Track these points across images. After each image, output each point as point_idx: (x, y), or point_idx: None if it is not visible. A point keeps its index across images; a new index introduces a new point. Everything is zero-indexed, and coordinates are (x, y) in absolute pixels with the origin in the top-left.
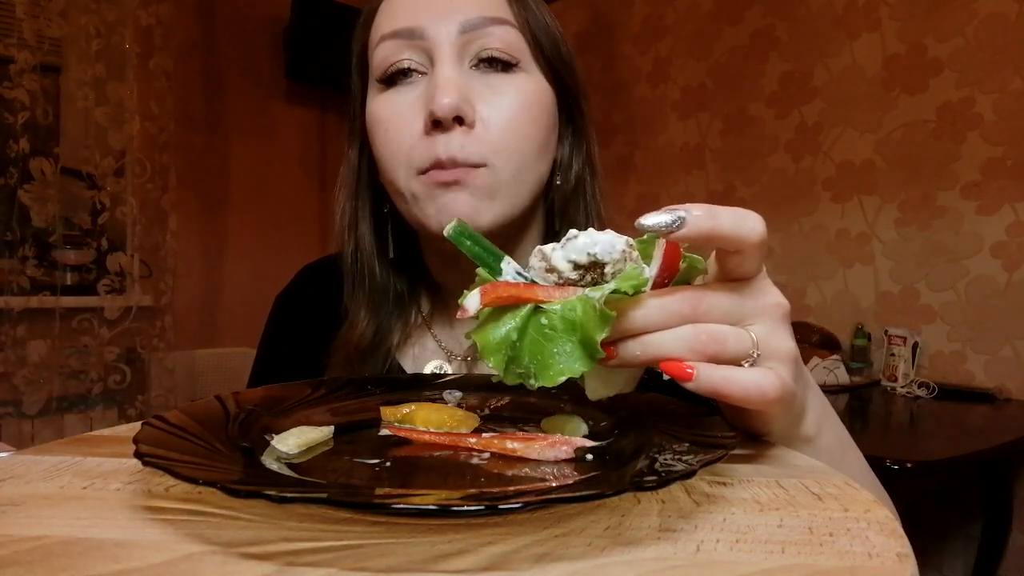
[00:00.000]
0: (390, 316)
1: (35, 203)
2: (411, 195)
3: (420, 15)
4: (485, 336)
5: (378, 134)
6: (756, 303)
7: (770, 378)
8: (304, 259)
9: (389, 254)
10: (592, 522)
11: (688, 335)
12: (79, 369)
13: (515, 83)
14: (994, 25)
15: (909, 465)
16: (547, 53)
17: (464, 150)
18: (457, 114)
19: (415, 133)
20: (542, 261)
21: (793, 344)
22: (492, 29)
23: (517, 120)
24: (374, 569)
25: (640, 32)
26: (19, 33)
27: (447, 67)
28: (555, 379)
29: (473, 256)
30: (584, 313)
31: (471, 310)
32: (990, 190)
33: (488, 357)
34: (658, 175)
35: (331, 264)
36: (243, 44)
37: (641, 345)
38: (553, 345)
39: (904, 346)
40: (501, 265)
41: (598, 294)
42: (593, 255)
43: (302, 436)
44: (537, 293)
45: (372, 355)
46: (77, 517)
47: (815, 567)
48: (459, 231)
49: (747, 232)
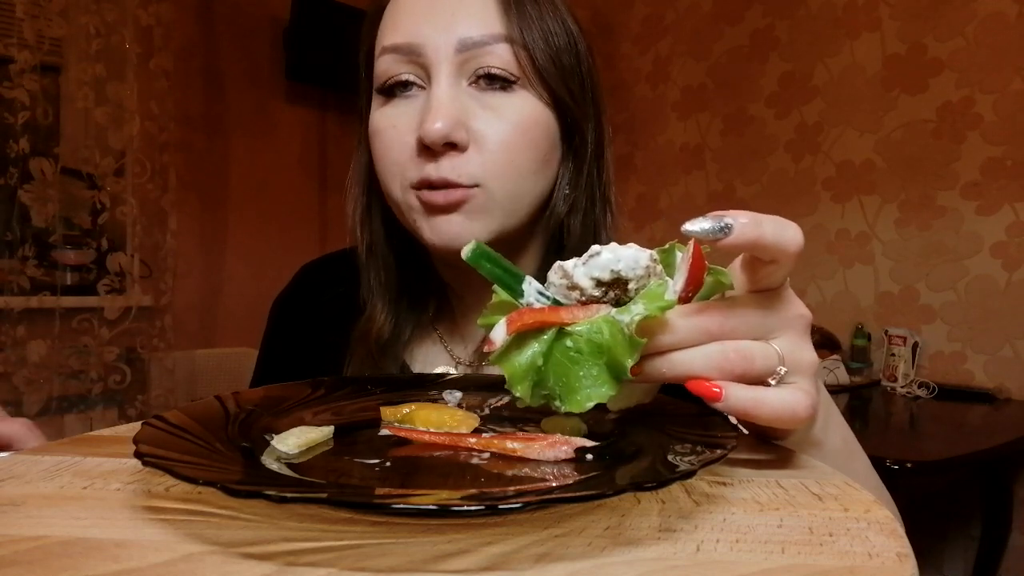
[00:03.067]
0: (404, 311)
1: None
2: (407, 207)
3: (420, 30)
4: (511, 365)
5: (375, 146)
6: (781, 316)
7: (799, 397)
8: (304, 259)
9: (397, 249)
10: (592, 522)
11: (716, 353)
12: (79, 369)
13: (512, 102)
14: (994, 25)
15: (909, 465)
16: (545, 71)
17: (456, 171)
18: (448, 140)
19: (409, 148)
20: (563, 279)
21: (815, 356)
22: (492, 47)
23: (513, 141)
24: (374, 569)
25: (640, 32)
26: (19, 33)
27: (442, 88)
28: (583, 404)
29: (493, 278)
30: (612, 336)
31: (498, 342)
32: (990, 190)
33: (515, 386)
34: (658, 175)
35: (331, 264)
36: (243, 44)
37: (668, 363)
38: (579, 368)
39: (904, 346)
40: (522, 286)
41: (627, 318)
42: (617, 272)
43: (302, 436)
44: (562, 316)
45: (391, 349)
46: (77, 517)
47: (815, 567)
48: (478, 254)
49: (787, 241)
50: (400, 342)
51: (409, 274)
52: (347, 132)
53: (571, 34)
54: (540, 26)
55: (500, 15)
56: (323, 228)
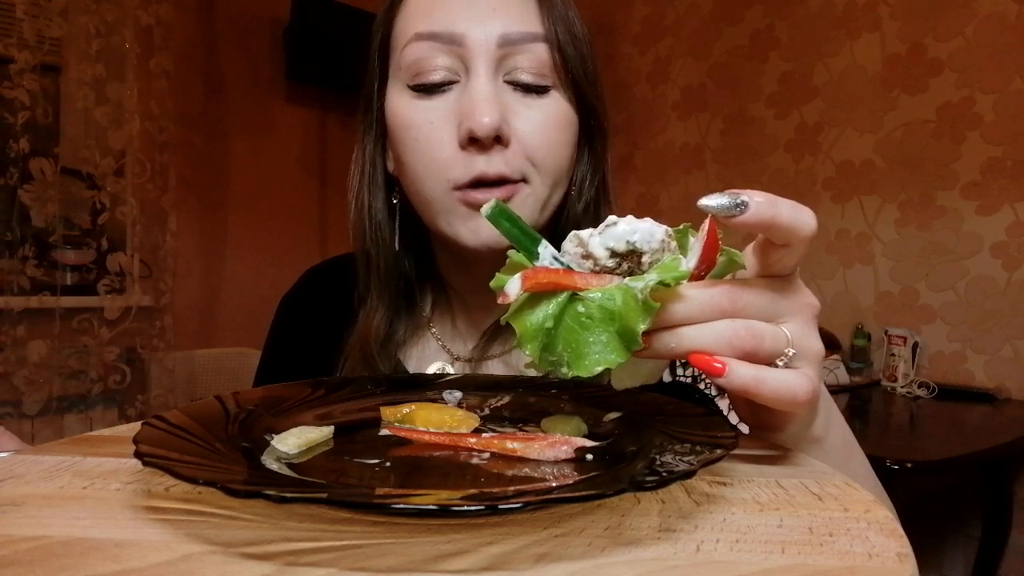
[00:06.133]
0: (401, 308)
1: (35, 203)
2: (443, 208)
3: (459, 20)
4: (523, 323)
5: (406, 140)
6: (791, 301)
7: (801, 381)
8: (304, 259)
9: (399, 243)
10: (592, 522)
11: (726, 330)
12: (79, 369)
13: (547, 103)
14: (994, 25)
15: (909, 465)
16: (575, 73)
17: (510, 166)
18: (497, 134)
19: (450, 145)
20: (578, 247)
21: (821, 345)
22: (529, 46)
23: (552, 139)
24: (374, 569)
25: (640, 32)
26: (19, 33)
27: (484, 81)
28: (591, 369)
29: (511, 238)
30: (624, 303)
31: (511, 295)
32: (990, 190)
33: (525, 344)
34: (658, 175)
35: (335, 267)
36: (243, 44)
37: (676, 338)
38: (589, 334)
39: (904, 346)
40: (538, 249)
41: (640, 284)
42: (632, 243)
43: (302, 436)
44: (576, 280)
45: (386, 347)
46: (77, 517)
47: (815, 567)
48: (498, 211)
49: (801, 224)
50: (395, 340)
51: (409, 270)
52: (347, 132)
53: (586, 32)
54: (569, 25)
55: (538, 14)
56: (323, 228)
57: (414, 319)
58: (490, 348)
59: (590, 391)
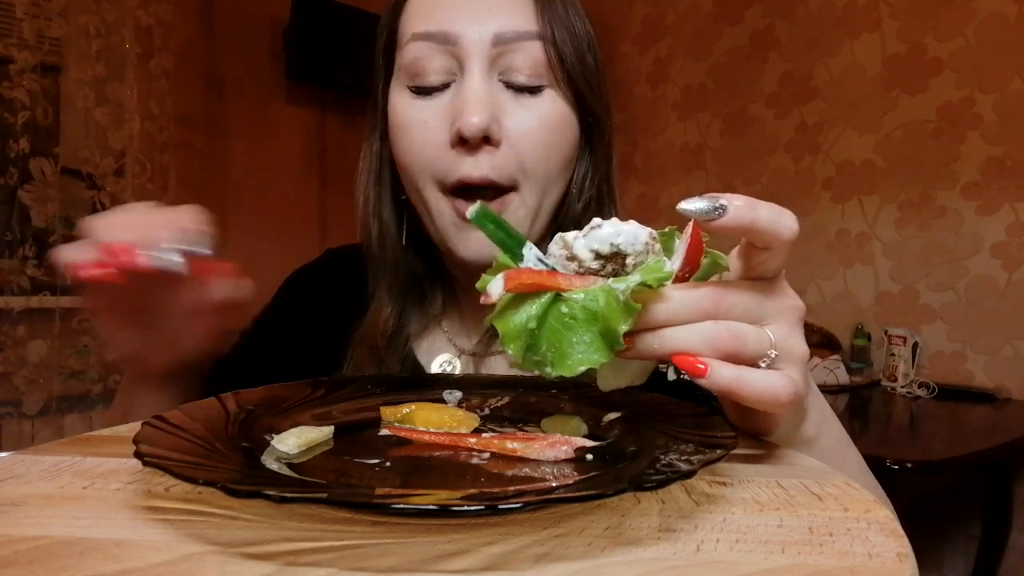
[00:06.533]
0: (411, 304)
1: (35, 203)
2: (438, 212)
3: (455, 19)
4: (506, 323)
5: (400, 139)
6: (775, 303)
7: (784, 382)
8: (304, 259)
9: (407, 241)
10: (592, 522)
11: (709, 331)
12: (79, 369)
13: (542, 102)
14: (994, 25)
15: (909, 465)
16: (572, 72)
17: (496, 170)
18: (485, 134)
19: (440, 143)
20: (563, 249)
21: (806, 347)
22: (524, 44)
23: (545, 139)
24: (374, 569)
25: (640, 32)
26: (19, 33)
27: (478, 80)
28: (574, 369)
29: (495, 240)
30: (607, 304)
31: (494, 296)
32: (990, 190)
33: (508, 344)
34: (658, 175)
35: (358, 254)
36: (243, 44)
37: (659, 339)
38: (572, 334)
39: (904, 346)
40: (523, 251)
41: (622, 286)
42: (616, 245)
43: (302, 436)
44: (559, 281)
45: (395, 341)
46: (77, 517)
47: (815, 567)
48: (482, 215)
49: (781, 228)
50: (404, 334)
51: (418, 267)
52: (347, 132)
53: (589, 33)
54: (567, 25)
55: (534, 12)
56: (323, 228)
57: (425, 313)
58: (493, 343)
59: (590, 391)
